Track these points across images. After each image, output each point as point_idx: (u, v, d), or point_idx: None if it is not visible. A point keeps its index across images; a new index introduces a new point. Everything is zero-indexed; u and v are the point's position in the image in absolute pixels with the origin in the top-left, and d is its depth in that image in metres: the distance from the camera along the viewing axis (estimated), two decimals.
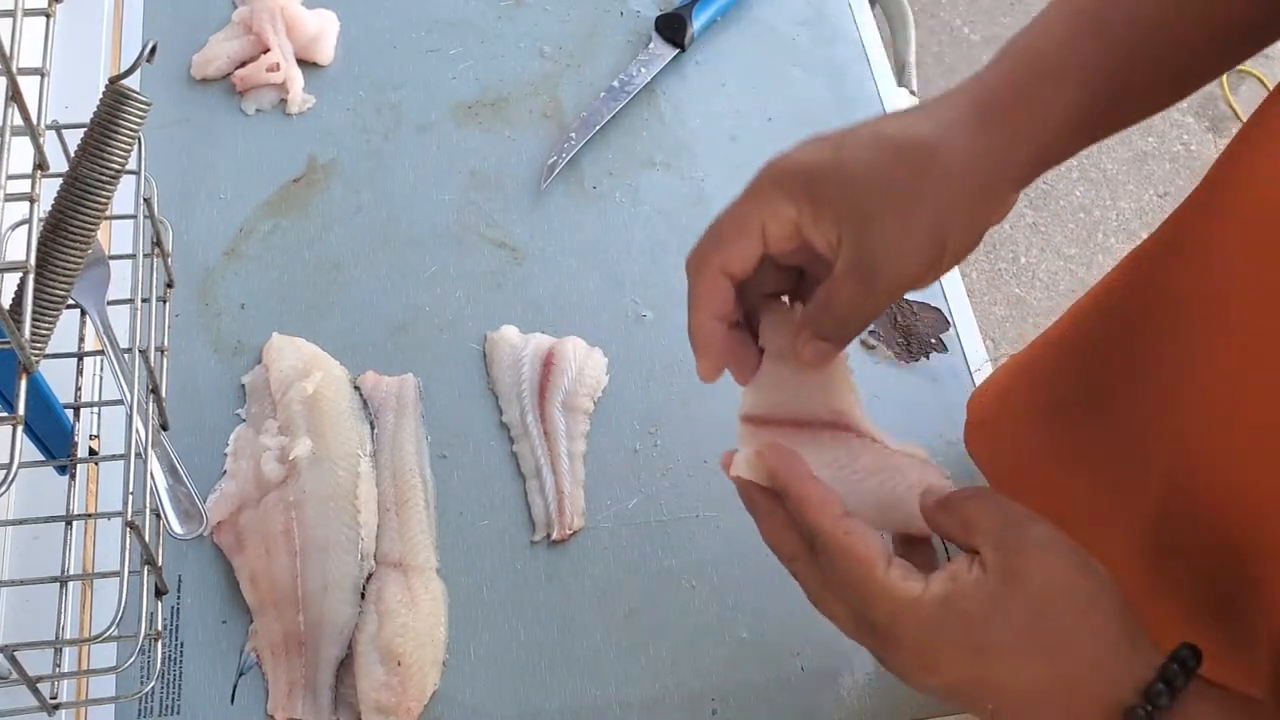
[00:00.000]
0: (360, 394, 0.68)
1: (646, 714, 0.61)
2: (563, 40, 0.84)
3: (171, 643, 0.62)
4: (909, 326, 0.74)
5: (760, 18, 0.87)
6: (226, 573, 0.63)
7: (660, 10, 0.86)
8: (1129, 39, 0.49)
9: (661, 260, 0.76)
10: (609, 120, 0.80)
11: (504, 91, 0.82)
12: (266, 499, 0.64)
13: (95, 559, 0.64)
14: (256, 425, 0.67)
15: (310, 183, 0.77)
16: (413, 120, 0.80)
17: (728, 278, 0.50)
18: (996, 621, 0.44)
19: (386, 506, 0.65)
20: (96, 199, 0.47)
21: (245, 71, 0.79)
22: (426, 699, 0.60)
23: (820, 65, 0.85)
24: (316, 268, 0.74)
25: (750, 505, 0.51)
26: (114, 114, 0.46)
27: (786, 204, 0.48)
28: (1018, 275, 1.92)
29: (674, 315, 0.74)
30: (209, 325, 0.71)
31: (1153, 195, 2.03)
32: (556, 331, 0.72)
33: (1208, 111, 2.13)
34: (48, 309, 0.45)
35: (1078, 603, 0.44)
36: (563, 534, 0.65)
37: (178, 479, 0.63)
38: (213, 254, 0.73)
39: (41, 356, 0.45)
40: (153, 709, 0.60)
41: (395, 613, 0.61)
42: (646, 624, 0.64)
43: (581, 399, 0.69)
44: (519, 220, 0.77)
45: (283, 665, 0.61)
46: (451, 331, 0.72)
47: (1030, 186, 0.50)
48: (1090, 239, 1.97)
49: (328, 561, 0.62)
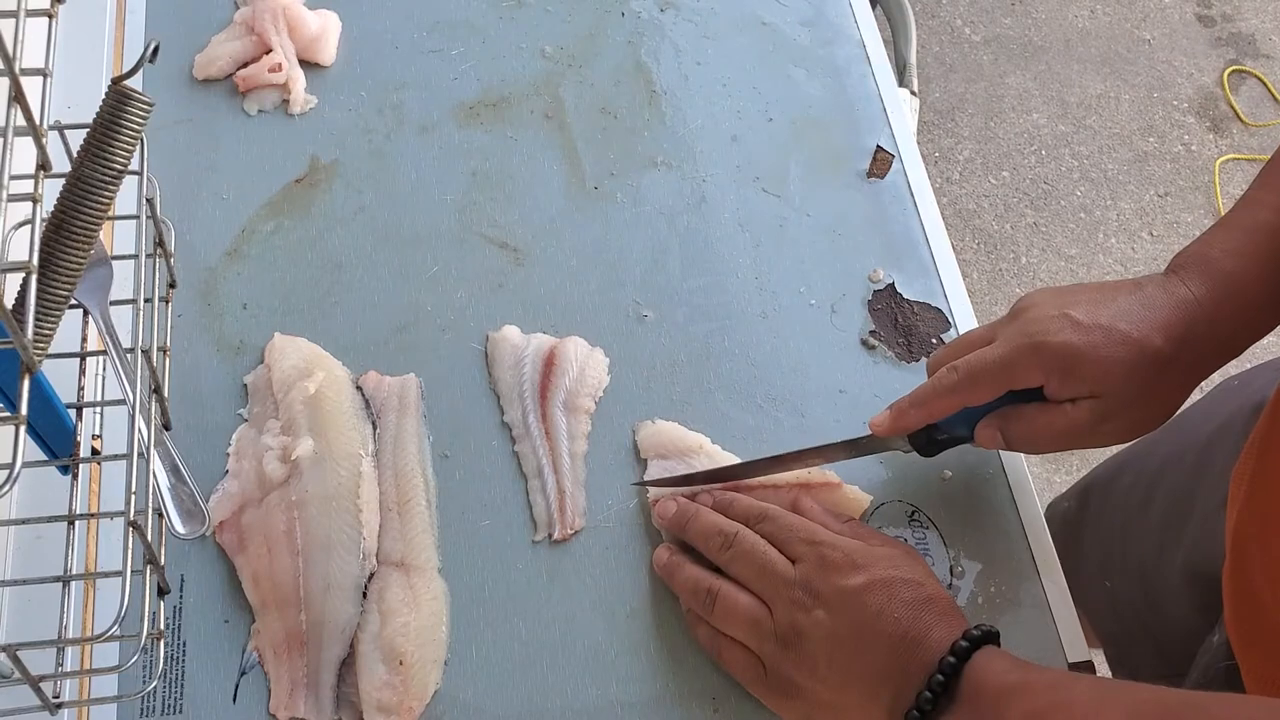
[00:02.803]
0: (362, 394, 0.69)
1: (647, 713, 0.61)
2: (564, 41, 0.85)
3: (174, 642, 0.62)
4: (909, 326, 0.74)
5: (760, 18, 0.87)
6: (229, 572, 0.63)
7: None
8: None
9: (663, 260, 0.76)
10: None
11: (505, 92, 0.82)
12: (269, 499, 0.64)
13: (98, 558, 0.64)
14: (259, 425, 0.67)
15: (312, 183, 0.77)
16: (414, 121, 0.80)
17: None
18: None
19: (388, 506, 0.65)
20: (99, 199, 0.47)
21: (247, 72, 0.79)
22: (428, 698, 0.61)
23: (821, 65, 0.85)
24: (318, 268, 0.74)
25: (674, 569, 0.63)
26: (116, 114, 0.47)
27: (1039, 374, 0.60)
28: (1018, 275, 1.92)
29: (675, 315, 0.74)
30: (211, 325, 0.71)
31: (1153, 195, 2.03)
32: (558, 331, 0.72)
33: (1208, 112, 2.13)
34: (50, 309, 0.46)
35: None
36: (564, 534, 0.66)
37: (180, 479, 0.63)
38: (215, 254, 0.74)
39: (44, 356, 0.45)
40: (155, 708, 0.60)
41: (397, 612, 0.61)
42: (648, 623, 0.64)
43: (583, 399, 0.69)
44: (520, 220, 0.77)
45: (285, 664, 0.61)
46: (453, 331, 0.72)
47: (1031, 186, 0.55)
48: (1091, 239, 1.97)
49: (330, 561, 0.62)
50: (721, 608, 0.60)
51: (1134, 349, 0.59)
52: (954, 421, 0.64)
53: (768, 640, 0.58)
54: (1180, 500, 0.79)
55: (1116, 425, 0.61)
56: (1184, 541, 0.78)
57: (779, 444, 0.69)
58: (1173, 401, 0.61)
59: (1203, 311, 0.60)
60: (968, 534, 0.67)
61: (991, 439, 0.63)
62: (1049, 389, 0.60)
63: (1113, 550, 0.87)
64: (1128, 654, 0.88)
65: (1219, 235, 0.62)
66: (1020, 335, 0.60)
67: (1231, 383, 0.84)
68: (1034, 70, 2.16)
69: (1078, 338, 0.59)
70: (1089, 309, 0.60)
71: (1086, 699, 0.49)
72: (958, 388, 0.62)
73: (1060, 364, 0.59)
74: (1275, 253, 0.60)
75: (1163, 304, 0.60)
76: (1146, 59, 2.19)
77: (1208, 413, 0.82)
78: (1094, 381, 0.59)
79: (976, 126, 2.08)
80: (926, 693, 0.52)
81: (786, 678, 0.57)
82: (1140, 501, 0.84)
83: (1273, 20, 2.25)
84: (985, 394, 0.62)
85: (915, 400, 0.63)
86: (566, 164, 0.79)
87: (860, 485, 0.67)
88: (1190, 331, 0.59)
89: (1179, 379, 0.60)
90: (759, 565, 0.60)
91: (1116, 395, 0.59)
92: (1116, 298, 0.61)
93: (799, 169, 0.80)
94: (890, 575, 0.57)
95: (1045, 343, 0.59)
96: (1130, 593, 0.85)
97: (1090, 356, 0.59)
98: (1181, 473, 0.80)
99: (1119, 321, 0.59)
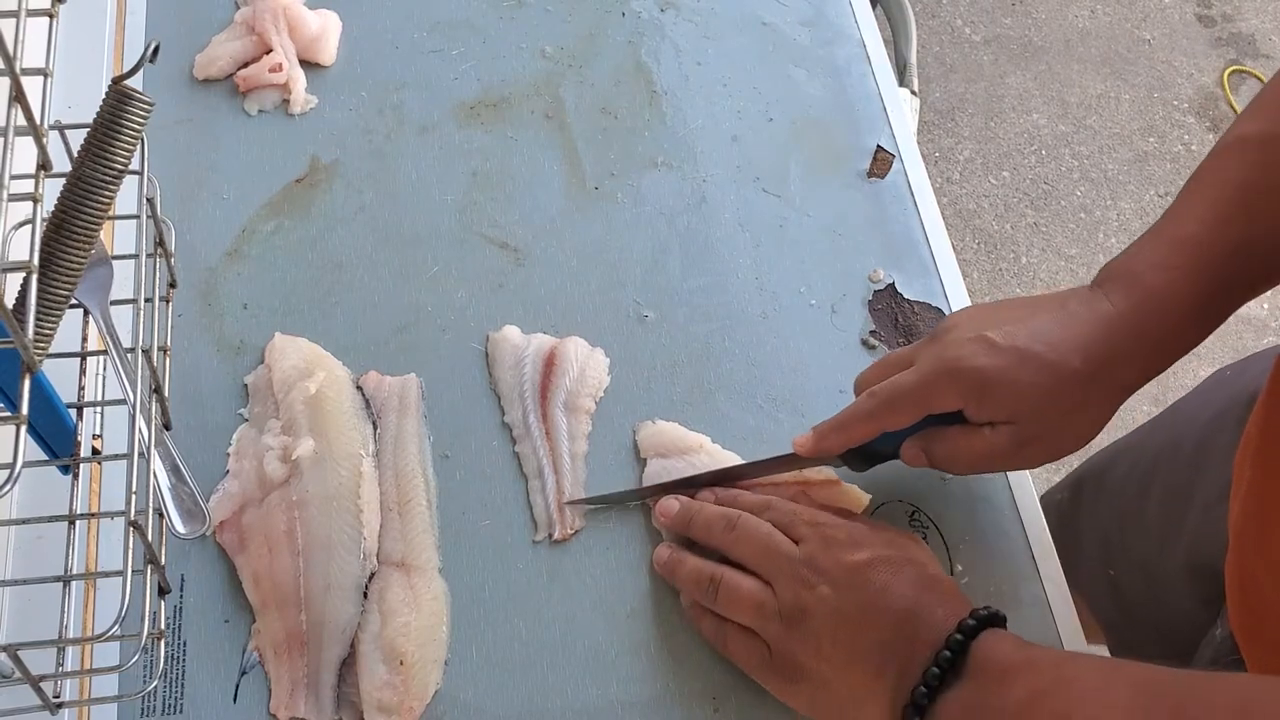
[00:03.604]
0: (363, 394, 0.69)
1: (648, 713, 0.61)
2: (564, 41, 0.85)
3: (174, 642, 0.62)
4: (910, 326, 0.74)
5: (760, 18, 0.87)
6: (229, 572, 0.63)
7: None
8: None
9: (663, 261, 0.76)
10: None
11: (506, 92, 0.82)
12: (269, 499, 0.64)
13: (98, 558, 0.64)
14: (259, 425, 0.67)
15: (312, 183, 0.77)
16: (415, 121, 0.80)
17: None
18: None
19: (389, 506, 0.65)
20: (99, 199, 0.47)
21: (248, 72, 0.79)
22: (429, 698, 0.61)
23: (821, 65, 0.85)
24: (319, 268, 0.74)
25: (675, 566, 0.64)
26: (117, 114, 0.47)
27: (955, 399, 0.59)
28: (1018, 275, 1.92)
29: (675, 315, 0.74)
30: (211, 325, 0.71)
31: (1153, 195, 2.03)
32: (558, 332, 0.72)
33: (1208, 112, 2.13)
34: (51, 309, 0.46)
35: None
36: (564, 534, 0.66)
37: (180, 478, 0.63)
38: (215, 254, 0.74)
39: (45, 356, 0.45)
40: (155, 708, 0.60)
41: (397, 612, 0.61)
42: (648, 623, 0.64)
43: (583, 399, 0.69)
44: (521, 220, 0.77)
45: (285, 664, 0.61)
46: (453, 332, 0.72)
47: (1031, 186, 0.55)
48: (1091, 239, 1.97)
49: (330, 561, 0.62)
50: (725, 593, 0.60)
51: (1050, 373, 0.58)
52: (880, 440, 0.63)
53: (772, 621, 0.58)
54: (1178, 491, 0.79)
55: (1037, 448, 0.60)
56: (1184, 533, 0.77)
57: (779, 444, 0.69)
58: (1096, 421, 0.60)
59: (1126, 327, 0.59)
60: (968, 534, 0.67)
61: (916, 458, 0.63)
62: (967, 412, 0.60)
63: (1112, 540, 0.87)
64: (1131, 642, 0.88)
65: (1145, 248, 0.61)
66: (936, 360, 0.60)
67: (1225, 372, 0.83)
68: (1034, 70, 2.16)
69: (991, 361, 0.58)
70: (1006, 330, 0.59)
71: (1092, 675, 0.49)
72: (876, 413, 0.61)
73: (975, 389, 0.58)
74: (1199, 266, 0.59)
75: (1084, 319, 0.59)
76: (1146, 59, 2.19)
77: (1202, 403, 0.82)
78: (1009, 406, 0.59)
79: (976, 126, 2.08)
80: (934, 669, 0.52)
81: (791, 659, 0.57)
82: (1136, 492, 0.84)
83: (1273, 20, 2.26)
84: (903, 419, 0.61)
85: (836, 425, 0.63)
86: (567, 164, 0.79)
87: (860, 485, 0.67)
88: (1112, 349, 0.58)
89: (1101, 398, 0.59)
90: (762, 545, 0.60)
91: (1033, 419, 0.59)
92: (1036, 316, 0.60)
93: (799, 169, 0.80)
94: (894, 554, 0.58)
95: (959, 368, 0.58)
96: (1133, 582, 0.85)
97: (1003, 381, 0.58)
98: (1178, 463, 0.80)
99: (1035, 343, 0.58)
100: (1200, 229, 0.60)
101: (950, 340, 0.60)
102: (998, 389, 0.58)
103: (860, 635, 0.55)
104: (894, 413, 0.61)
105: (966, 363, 0.58)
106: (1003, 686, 0.51)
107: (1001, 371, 0.58)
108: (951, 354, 0.59)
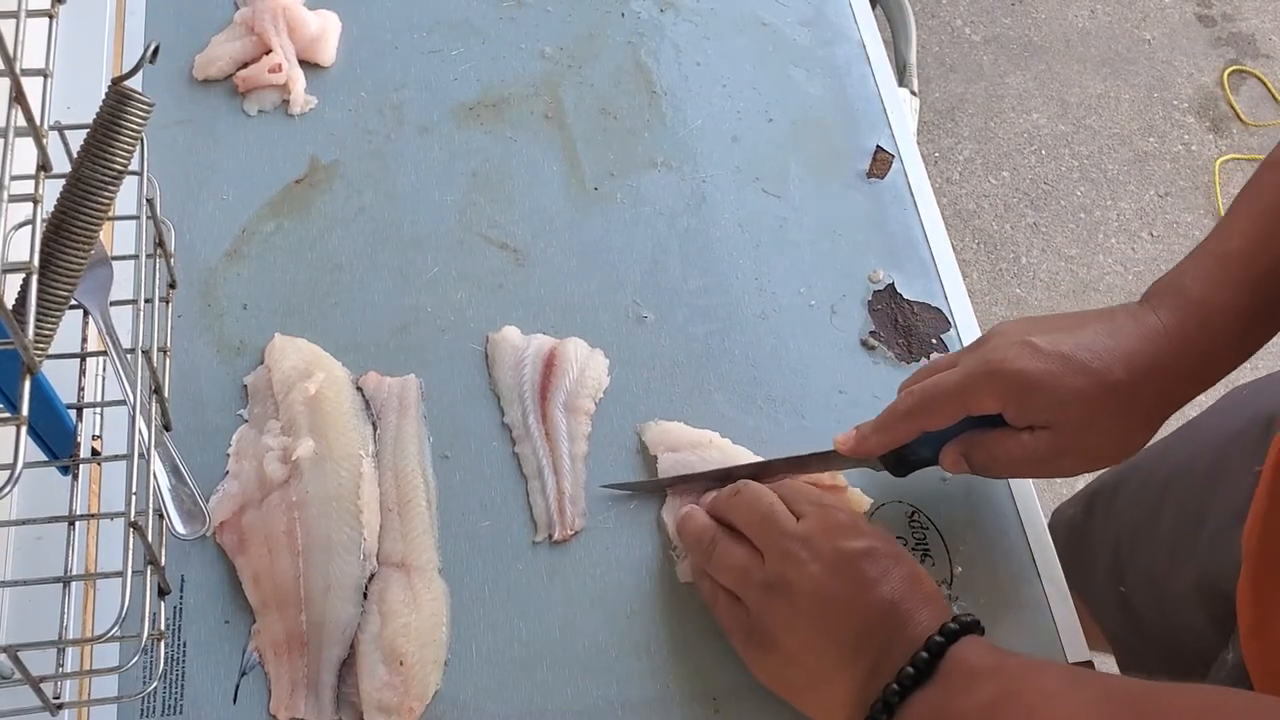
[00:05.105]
0: (362, 394, 0.69)
1: (648, 713, 0.61)
2: (564, 41, 0.85)
3: (174, 643, 0.62)
4: (909, 326, 0.74)
5: (760, 18, 0.87)
6: (229, 573, 0.63)
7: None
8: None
9: (663, 261, 0.76)
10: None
11: (505, 92, 0.82)
12: (269, 499, 0.64)
13: (98, 559, 0.64)
14: (259, 426, 0.67)
15: (312, 183, 0.77)
16: (414, 121, 0.80)
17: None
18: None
19: (389, 507, 0.65)
20: (99, 200, 0.47)
21: (247, 72, 0.79)
22: (429, 699, 0.61)
23: (821, 65, 0.85)
24: (318, 268, 0.74)
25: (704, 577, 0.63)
26: (116, 115, 0.47)
27: (995, 401, 0.59)
28: (1018, 275, 1.92)
29: (675, 316, 0.74)
30: (211, 326, 0.71)
31: (1153, 195, 2.03)
32: (558, 332, 0.72)
33: (1208, 112, 2.13)
34: (51, 309, 0.46)
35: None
36: (564, 534, 0.66)
37: (180, 479, 0.63)
38: (215, 255, 0.74)
39: (44, 357, 0.45)
40: (155, 709, 0.60)
41: (397, 613, 0.61)
42: (648, 624, 0.64)
43: (583, 400, 0.69)
44: (520, 221, 0.77)
45: (285, 665, 0.61)
46: (453, 332, 0.72)
47: (1031, 186, 0.55)
48: (1091, 239, 1.97)
49: (330, 562, 0.62)
50: (717, 554, 0.60)
51: (1092, 379, 0.58)
52: (921, 444, 0.63)
53: (754, 588, 0.58)
54: (1191, 511, 0.79)
55: (1076, 456, 0.60)
56: (1196, 553, 0.77)
57: (779, 445, 0.69)
58: (1138, 434, 0.60)
59: (1171, 342, 0.59)
60: (968, 534, 0.67)
61: (956, 464, 0.63)
62: (1007, 415, 0.60)
63: (1123, 557, 0.87)
64: (1140, 659, 0.88)
65: (1191, 264, 0.62)
66: (979, 361, 0.60)
67: (1241, 392, 0.83)
68: (1034, 70, 2.16)
69: (1035, 365, 0.58)
70: (1052, 337, 0.59)
71: (1058, 680, 0.50)
72: (914, 412, 0.61)
73: (1015, 391, 0.59)
74: (1245, 280, 0.59)
75: (1130, 333, 0.59)
76: (1146, 59, 2.19)
77: (1217, 422, 0.82)
78: (1050, 410, 0.59)
79: (976, 126, 2.08)
80: (909, 669, 0.53)
81: (765, 628, 0.58)
82: (1149, 510, 0.84)
83: (1273, 20, 2.26)
84: (942, 419, 0.61)
85: (877, 425, 0.63)
86: (566, 164, 0.79)
87: (860, 486, 0.68)
88: (1156, 362, 0.59)
89: (1144, 411, 0.60)
90: (762, 514, 0.60)
91: (1073, 425, 0.59)
92: (1084, 327, 0.60)
93: (799, 169, 0.80)
94: (890, 551, 0.58)
95: (1001, 369, 0.59)
96: (1143, 599, 0.84)
97: (1045, 384, 0.58)
98: (1192, 483, 0.80)
99: (1080, 351, 0.59)
100: (1245, 243, 0.60)
101: (994, 344, 0.61)
102: (1039, 392, 0.58)
103: (840, 621, 0.56)
104: (933, 412, 0.61)
105: (1009, 365, 0.59)
106: (970, 688, 0.52)
107: (1043, 375, 0.58)
108: (995, 356, 0.60)
